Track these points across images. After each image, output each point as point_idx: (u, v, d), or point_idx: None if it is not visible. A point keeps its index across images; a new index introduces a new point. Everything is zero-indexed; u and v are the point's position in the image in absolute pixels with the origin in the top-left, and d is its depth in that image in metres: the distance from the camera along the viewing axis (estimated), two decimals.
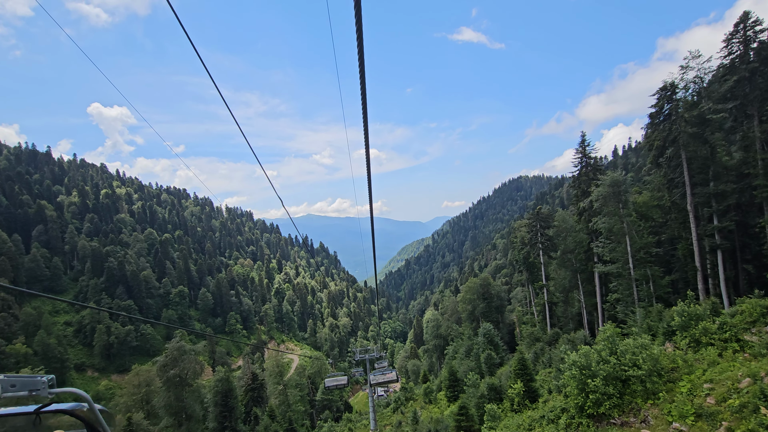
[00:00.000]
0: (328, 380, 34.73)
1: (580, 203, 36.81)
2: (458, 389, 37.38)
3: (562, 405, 16.44)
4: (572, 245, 40.64)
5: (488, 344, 42.73)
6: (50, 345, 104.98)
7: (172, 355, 40.01)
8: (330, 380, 35.54)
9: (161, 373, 38.99)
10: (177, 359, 39.67)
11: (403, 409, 48.69)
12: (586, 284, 41.03)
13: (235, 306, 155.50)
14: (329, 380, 34.93)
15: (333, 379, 35.38)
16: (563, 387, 16.33)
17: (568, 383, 15.52)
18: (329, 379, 34.61)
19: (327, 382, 34.41)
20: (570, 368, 15.43)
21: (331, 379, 35.57)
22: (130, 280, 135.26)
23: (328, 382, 34.50)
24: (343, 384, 34.21)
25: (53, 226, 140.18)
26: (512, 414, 21.20)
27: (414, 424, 27.00)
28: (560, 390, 21.61)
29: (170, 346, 40.92)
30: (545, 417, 16.40)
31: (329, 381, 34.67)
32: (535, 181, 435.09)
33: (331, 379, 35.44)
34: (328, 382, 34.43)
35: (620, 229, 29.64)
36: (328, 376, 35.01)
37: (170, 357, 39.79)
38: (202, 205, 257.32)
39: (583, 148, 38.62)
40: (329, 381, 34.67)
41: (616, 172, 31.88)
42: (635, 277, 29.30)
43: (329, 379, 34.61)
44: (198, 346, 42.18)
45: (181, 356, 39.93)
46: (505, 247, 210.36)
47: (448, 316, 79.96)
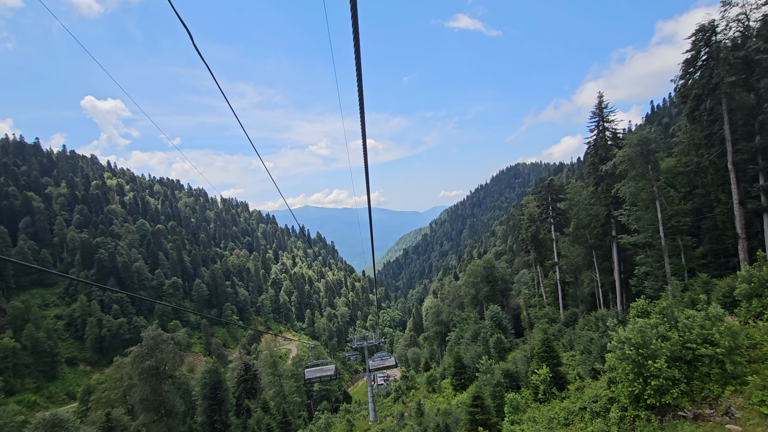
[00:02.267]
0: (310, 371, 27.56)
1: (602, 167, 33.21)
2: (465, 377, 34.38)
3: (608, 394, 13.27)
4: (587, 219, 37.33)
5: (496, 328, 39.74)
6: (39, 339, 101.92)
7: (148, 344, 36.33)
8: (312, 371, 27.83)
9: (135, 364, 35.42)
10: (154, 349, 36.11)
11: (405, 399, 45.82)
12: (603, 261, 37.86)
13: (230, 297, 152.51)
14: (310, 371, 27.67)
15: (316, 370, 27.81)
16: (607, 371, 13.20)
17: (615, 366, 12.30)
18: (310, 369, 27.33)
19: (308, 374, 27.21)
20: (620, 347, 12.17)
21: (313, 369, 27.87)
22: (121, 271, 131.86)
23: (308, 373, 27.33)
24: (330, 376, 27.34)
25: (41, 218, 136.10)
26: (537, 405, 18.12)
27: (418, 416, 23.93)
28: (595, 375, 18.46)
29: (146, 334, 37.25)
30: (587, 408, 13.24)
31: (310, 372, 27.54)
32: (533, 168, 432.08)
33: (314, 370, 27.88)
34: (309, 374, 27.36)
35: (649, 193, 26.33)
36: (308, 365, 27.78)
37: (146, 346, 36.21)
38: (196, 196, 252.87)
39: (600, 110, 35.03)
40: (310, 372, 27.54)
41: (644, 129, 28.39)
42: (666, 247, 26.06)
43: (310, 369, 27.33)
44: (179, 333, 38.84)
45: (158, 345, 36.29)
46: (505, 233, 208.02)
47: (449, 302, 77.05)
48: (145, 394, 33.30)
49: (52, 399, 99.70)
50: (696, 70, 25.47)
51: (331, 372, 27.52)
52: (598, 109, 35.03)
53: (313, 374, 27.69)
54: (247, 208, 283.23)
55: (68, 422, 30.70)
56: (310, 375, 27.51)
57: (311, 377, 27.62)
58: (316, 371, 27.84)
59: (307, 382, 28.09)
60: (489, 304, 49.42)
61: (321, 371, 27.88)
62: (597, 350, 19.02)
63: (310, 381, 28.07)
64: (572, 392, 17.29)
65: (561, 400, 17.25)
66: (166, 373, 35.53)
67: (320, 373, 27.60)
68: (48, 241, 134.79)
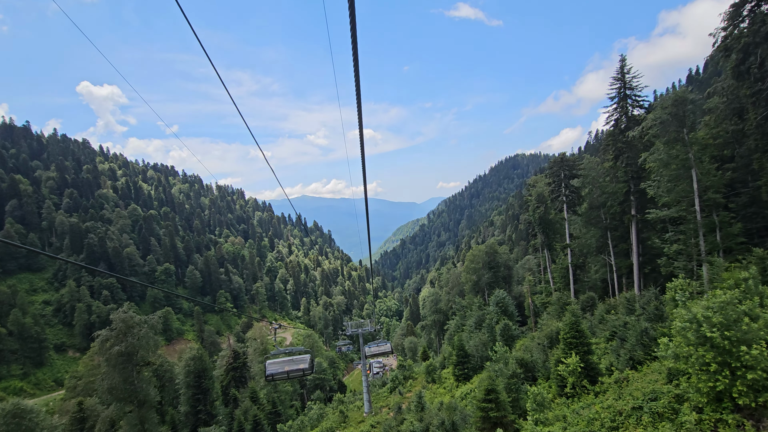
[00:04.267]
0: (273, 364, 20.30)
1: (630, 132, 29.97)
2: (469, 366, 31.68)
3: (671, 390, 10.39)
4: (602, 198, 34.34)
5: (502, 314, 37.09)
6: (26, 324, 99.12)
7: (118, 327, 33.08)
8: (276, 364, 20.25)
9: (103, 349, 32.18)
10: (125, 333, 32.87)
11: (402, 389, 43.25)
12: (619, 243, 34.96)
13: (224, 284, 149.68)
14: (275, 364, 20.23)
15: (282, 362, 20.14)
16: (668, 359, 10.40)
17: (684, 354, 9.38)
18: (273, 362, 20.02)
19: (270, 368, 20.04)
20: (692, 329, 9.19)
21: (278, 361, 20.36)
22: (112, 257, 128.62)
23: (271, 367, 20.12)
24: (302, 371, 19.87)
25: (28, 201, 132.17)
26: (563, 400, 15.27)
27: (419, 410, 21.18)
28: (634, 366, 15.58)
29: (115, 316, 33.95)
30: (643, 408, 10.35)
31: (275, 365, 20.21)
32: (532, 159, 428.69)
33: (280, 362, 20.07)
34: (273, 368, 20.08)
35: (684, 161, 23.31)
36: (271, 354, 20.93)
37: (115, 330, 32.99)
38: (191, 182, 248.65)
39: (622, 75, 31.71)
40: (275, 365, 20.21)
41: (683, 88, 25.22)
42: (701, 223, 23.11)
43: (273, 362, 20.02)
44: (153, 317, 35.91)
45: (129, 329, 33.02)
46: (503, 223, 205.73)
47: (448, 289, 74.43)
48: (115, 382, 30.17)
49: (40, 386, 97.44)
50: (743, 19, 22.34)
51: (305, 365, 19.71)
52: (620, 74, 31.72)
53: (279, 368, 19.83)
54: (243, 196, 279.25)
55: (32, 413, 27.94)
56: (274, 369, 19.66)
57: (275, 372, 19.59)
58: (283, 363, 20.04)
59: (269, 378, 19.82)
60: (495, 290, 46.62)
61: (290, 363, 20.05)
62: (635, 336, 16.17)
63: (273, 377, 19.81)
64: (608, 386, 14.43)
65: (595, 396, 14.42)
66: (140, 360, 32.35)
67: (289, 367, 19.83)
68: (36, 225, 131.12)
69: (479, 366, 31.48)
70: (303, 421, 42.44)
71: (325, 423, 38.86)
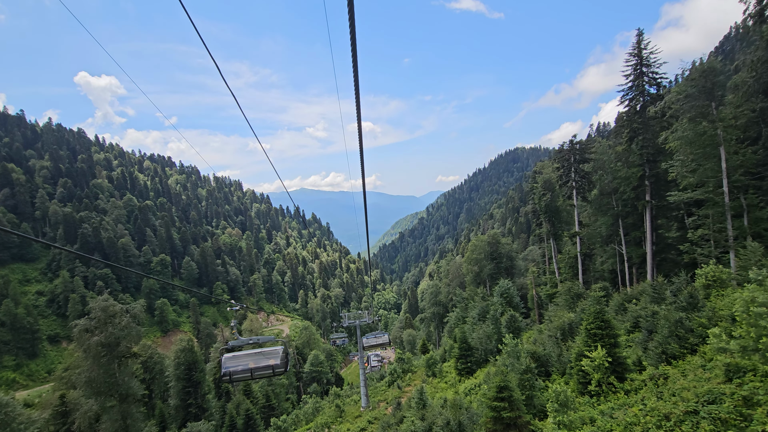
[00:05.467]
0: (231, 359, 14.52)
1: (651, 108, 28.05)
2: (472, 360, 30.05)
3: (734, 390, 8.62)
4: (614, 183, 32.53)
5: (507, 305, 35.46)
6: (18, 315, 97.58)
7: (97, 317, 31.21)
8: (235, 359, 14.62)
9: (81, 340, 30.34)
10: (105, 323, 31.03)
11: (400, 383, 41.70)
12: (632, 231, 33.19)
13: (221, 276, 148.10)
14: (232, 359, 14.55)
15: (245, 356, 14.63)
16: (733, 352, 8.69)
17: (751, 347, 7.65)
18: (233, 357, 14.52)
19: (227, 362, 14.32)
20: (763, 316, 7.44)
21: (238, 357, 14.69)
22: (106, 247, 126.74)
23: (229, 363, 14.39)
24: (271, 369, 14.39)
25: (21, 190, 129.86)
26: (587, 399, 13.55)
27: (420, 407, 19.49)
28: (668, 360, 13.83)
29: (94, 304, 32.05)
30: (700, 412, 8.55)
31: (232, 361, 14.49)
32: (532, 153, 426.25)
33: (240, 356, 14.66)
34: (231, 364, 14.34)
35: (711, 137, 21.48)
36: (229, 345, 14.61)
37: (94, 319, 31.13)
38: (188, 173, 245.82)
39: (638, 50, 29.70)
40: (232, 361, 14.49)
41: (711, 58, 23.22)
42: (729, 206, 21.32)
43: (233, 357, 14.52)
44: (136, 306, 34.05)
45: (109, 319, 31.12)
46: (503, 216, 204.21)
47: (449, 281, 72.81)
48: (94, 374, 28.41)
49: (33, 377, 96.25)
50: None
51: (275, 361, 14.25)
52: (637, 49, 29.69)
53: (240, 364, 14.20)
54: (240, 187, 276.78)
55: (7, 406, 26.27)
56: (234, 366, 14.19)
57: (235, 370, 14.15)
58: (247, 358, 14.34)
59: (226, 378, 14.36)
60: (498, 281, 44.94)
61: (257, 359, 14.33)
62: (667, 327, 14.42)
63: (231, 377, 14.31)
64: (640, 384, 12.69)
65: (625, 394, 12.71)
66: (122, 351, 30.46)
67: (255, 363, 14.18)
68: (29, 214, 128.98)
69: (483, 360, 29.89)
70: (298, 416, 40.94)
71: (320, 418, 37.34)
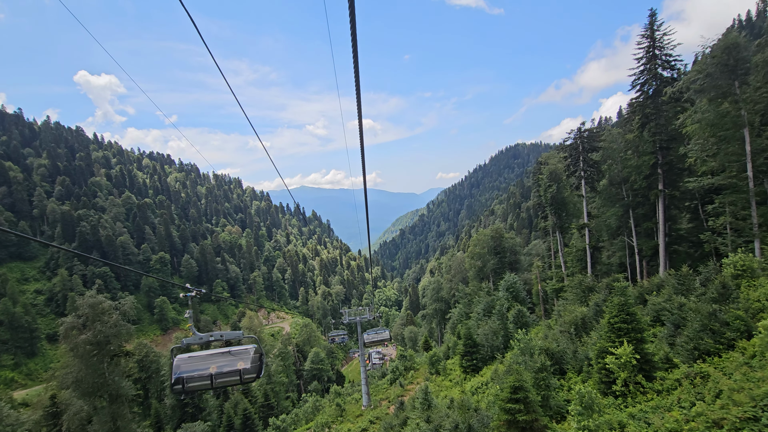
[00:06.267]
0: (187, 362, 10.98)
1: (666, 89, 26.65)
2: (478, 357, 28.88)
3: None
4: (625, 172, 31.23)
5: (513, 299, 34.29)
6: (16, 314, 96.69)
7: (84, 314, 29.94)
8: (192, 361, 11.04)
9: (68, 338, 29.06)
10: (92, 320, 29.78)
11: (403, 381, 40.57)
12: (643, 221, 31.92)
13: (221, 273, 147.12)
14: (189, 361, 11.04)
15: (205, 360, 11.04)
16: None
17: None
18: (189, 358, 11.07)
19: (181, 368, 10.77)
20: None
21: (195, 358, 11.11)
22: (105, 245, 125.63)
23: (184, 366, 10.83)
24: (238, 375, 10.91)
25: (19, 188, 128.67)
26: (609, 400, 12.32)
27: (425, 408, 18.31)
28: (701, 356, 12.56)
29: (81, 301, 30.75)
30: (762, 419, 7.35)
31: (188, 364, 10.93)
32: (533, 149, 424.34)
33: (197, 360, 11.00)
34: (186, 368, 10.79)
35: (734, 119, 20.17)
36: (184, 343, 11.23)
37: (82, 317, 29.86)
38: (187, 171, 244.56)
39: (651, 31, 28.25)
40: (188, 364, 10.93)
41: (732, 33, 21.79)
42: (753, 191, 20.03)
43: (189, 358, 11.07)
44: (126, 302, 32.77)
45: (98, 316, 29.86)
46: (505, 212, 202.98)
47: (450, 277, 71.63)
48: (82, 374, 27.21)
49: (31, 376, 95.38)
50: None
51: (245, 364, 11.05)
52: (649, 30, 28.30)
53: (198, 369, 10.77)
54: (240, 185, 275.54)
55: None
56: (190, 371, 10.76)
57: (191, 375, 10.64)
58: (207, 361, 10.94)
59: (178, 389, 10.71)
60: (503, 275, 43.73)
61: (220, 361, 10.98)
62: (699, 320, 13.18)
63: (183, 385, 10.58)
64: (671, 382, 11.46)
65: (656, 395, 11.51)
66: (112, 350, 29.18)
67: (217, 367, 10.86)
68: (27, 212, 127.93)
69: (489, 357, 28.72)
70: (297, 415, 39.83)
71: (320, 417, 36.24)
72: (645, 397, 11.92)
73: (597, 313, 21.04)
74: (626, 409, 11.56)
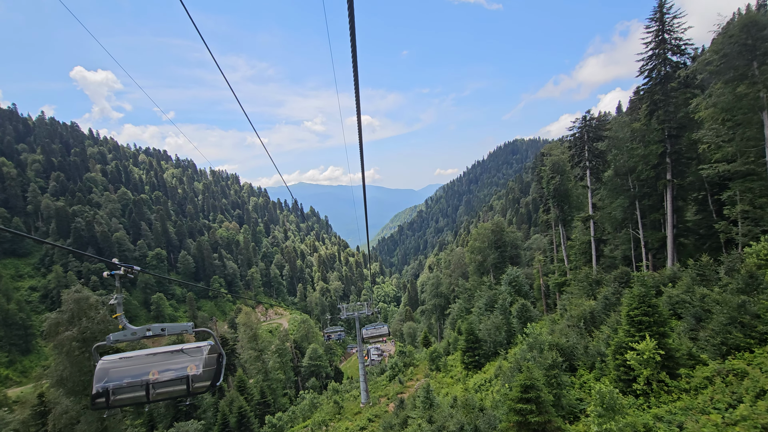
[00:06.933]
0: (117, 367, 7.39)
1: (679, 72, 25.48)
2: (480, 353, 27.97)
3: None
4: (632, 162, 30.24)
5: (515, 294, 33.38)
6: (10, 311, 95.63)
7: (69, 309, 28.80)
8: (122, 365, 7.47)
9: (51, 335, 27.99)
10: (78, 316, 28.65)
11: (402, 378, 39.71)
12: (651, 213, 30.99)
13: (218, 270, 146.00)
14: (118, 367, 7.42)
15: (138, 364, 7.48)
16: None
17: None
18: (113, 360, 7.53)
19: (108, 375, 7.22)
20: None
21: (126, 361, 7.54)
22: (100, 241, 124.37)
23: (113, 373, 7.31)
24: (184, 384, 7.40)
25: (12, 184, 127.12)
26: (629, 399, 11.36)
27: (427, 407, 17.39)
28: (729, 352, 11.60)
29: (66, 296, 29.63)
30: None
31: (118, 370, 7.35)
32: (531, 144, 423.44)
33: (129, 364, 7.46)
34: (115, 376, 7.26)
35: (752, 102, 19.17)
36: (110, 340, 7.33)
37: (67, 312, 28.71)
38: (184, 167, 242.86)
39: (660, 14, 27.05)
40: (118, 370, 7.35)
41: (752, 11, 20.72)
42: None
43: (113, 360, 7.53)
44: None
45: (83, 312, 28.73)
46: (503, 207, 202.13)
47: (450, 272, 70.72)
48: (66, 372, 26.20)
49: (26, 374, 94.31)
50: None
51: (196, 369, 7.62)
52: (658, 13, 27.18)
53: (125, 374, 7.35)
54: (237, 181, 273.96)
55: None
56: (119, 379, 7.29)
57: (117, 384, 7.20)
58: (142, 364, 7.47)
59: (101, 399, 7.04)
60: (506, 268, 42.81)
61: (158, 363, 7.55)
62: (726, 313, 12.21)
63: (108, 398, 7.08)
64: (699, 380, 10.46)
65: (683, 394, 10.56)
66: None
67: (157, 373, 7.40)
68: (20, 208, 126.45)
69: (492, 352, 27.82)
70: (294, 412, 38.93)
71: (317, 415, 35.32)
72: (670, 396, 10.97)
73: (606, 306, 20.10)
74: (650, 410, 10.63)
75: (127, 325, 7.69)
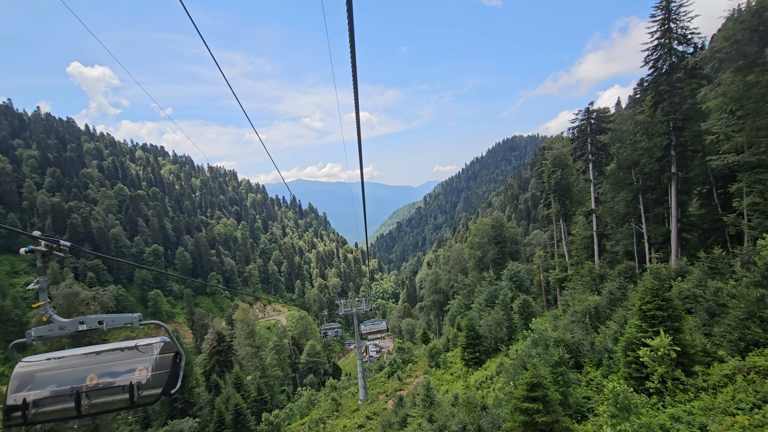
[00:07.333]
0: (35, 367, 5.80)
1: (688, 60, 24.85)
2: (481, 349, 27.46)
3: None
4: (635, 155, 29.69)
5: (516, 289, 32.91)
6: (5, 307, 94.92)
7: (59, 305, 28.06)
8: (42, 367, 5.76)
9: None
10: (68, 312, 27.95)
11: (401, 374, 39.21)
12: (655, 207, 30.46)
13: (216, 266, 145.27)
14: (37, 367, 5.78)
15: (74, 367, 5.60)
16: None
17: None
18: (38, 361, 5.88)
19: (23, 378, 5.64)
20: None
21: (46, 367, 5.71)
22: (96, 237, 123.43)
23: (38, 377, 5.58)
24: (131, 391, 5.42)
25: (7, 180, 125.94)
26: (642, 398, 10.82)
27: (427, 405, 16.86)
28: (747, 348, 11.07)
29: (56, 292, 28.91)
30: None
31: (40, 375, 5.60)
32: (530, 141, 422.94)
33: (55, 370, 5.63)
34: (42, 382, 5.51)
35: (763, 90, 18.57)
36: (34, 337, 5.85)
37: (57, 308, 28.14)
38: (181, 163, 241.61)
39: (666, 1, 26.25)
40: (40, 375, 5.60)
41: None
42: None
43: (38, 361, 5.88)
44: (106, 292, 31.07)
45: (74, 308, 27.92)
46: (502, 203, 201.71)
47: (449, 268, 70.20)
48: None
49: None
50: None
51: (144, 372, 5.65)
52: (664, 1, 26.48)
53: (51, 380, 5.57)
54: (235, 177, 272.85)
55: None
56: (41, 384, 5.56)
57: (40, 395, 5.39)
58: (72, 366, 5.66)
59: (17, 414, 5.17)
60: (504, 264, 42.30)
61: (96, 365, 5.64)
62: (746, 307, 11.68)
63: (26, 413, 5.20)
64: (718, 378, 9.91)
65: (701, 392, 10.02)
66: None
67: (96, 377, 5.53)
68: (16, 204, 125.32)
69: (493, 349, 27.32)
70: (292, 410, 38.42)
71: (315, 412, 34.83)
72: (686, 395, 10.44)
73: (611, 301, 19.58)
74: (665, 409, 10.09)
75: (54, 317, 6.07)
